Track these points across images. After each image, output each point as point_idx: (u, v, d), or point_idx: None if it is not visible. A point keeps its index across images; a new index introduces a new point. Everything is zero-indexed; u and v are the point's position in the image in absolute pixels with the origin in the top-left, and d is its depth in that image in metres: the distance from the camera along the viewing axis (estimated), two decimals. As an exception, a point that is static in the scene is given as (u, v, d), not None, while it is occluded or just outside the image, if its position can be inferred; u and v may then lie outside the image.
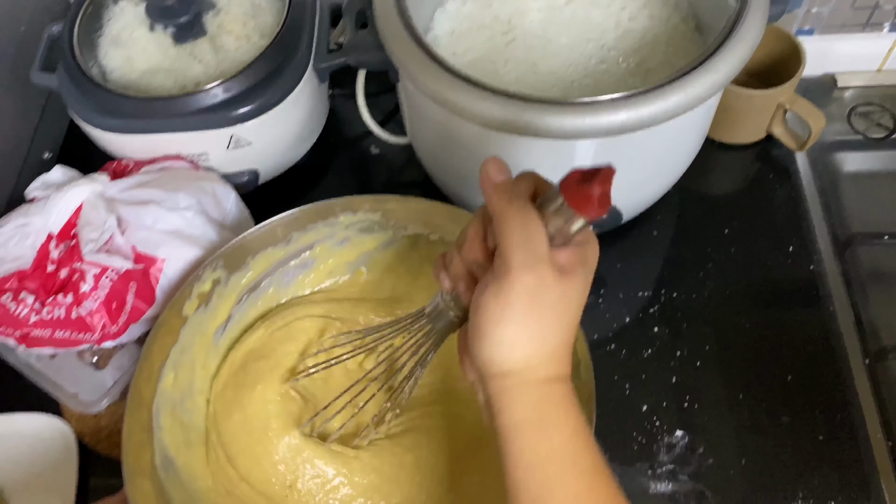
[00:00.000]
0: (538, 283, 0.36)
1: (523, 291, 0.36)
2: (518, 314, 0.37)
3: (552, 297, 0.37)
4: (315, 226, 0.61)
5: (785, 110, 0.71)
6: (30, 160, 0.72)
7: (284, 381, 0.58)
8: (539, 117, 0.51)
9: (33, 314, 0.57)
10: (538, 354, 0.38)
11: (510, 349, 0.38)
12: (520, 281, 0.36)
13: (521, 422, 0.38)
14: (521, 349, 0.38)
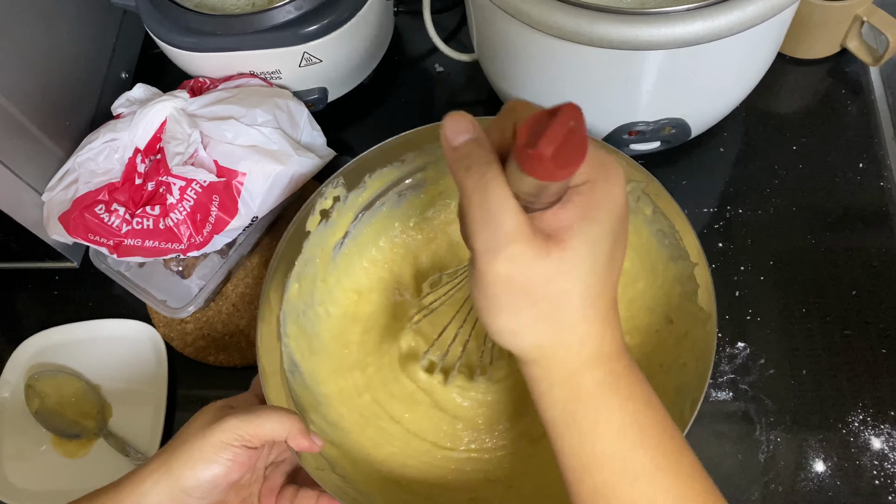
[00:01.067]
0: (511, 266, 0.30)
1: (497, 280, 0.31)
2: (503, 304, 0.32)
3: (538, 277, 0.31)
4: (430, 146, 0.61)
5: (862, 22, 0.69)
6: (109, 79, 0.75)
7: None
8: (613, 28, 0.51)
9: (124, 224, 0.61)
10: (551, 341, 0.33)
11: (513, 336, 0.33)
12: (489, 269, 0.31)
13: (555, 422, 0.34)
14: (527, 337, 0.33)
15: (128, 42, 0.79)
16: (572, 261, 0.31)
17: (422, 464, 0.57)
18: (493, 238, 0.30)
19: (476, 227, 0.30)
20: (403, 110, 0.78)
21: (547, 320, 0.32)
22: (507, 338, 0.33)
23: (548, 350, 0.33)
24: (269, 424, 0.47)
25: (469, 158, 0.31)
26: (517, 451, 0.57)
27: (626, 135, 0.63)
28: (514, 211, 0.30)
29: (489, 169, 0.30)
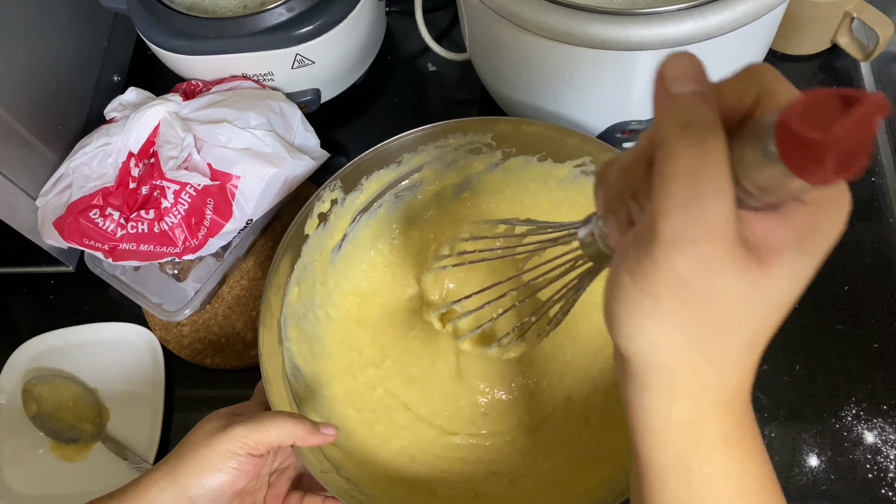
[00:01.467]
0: (699, 269, 0.24)
1: (672, 278, 0.24)
2: (661, 308, 0.25)
3: (722, 294, 0.24)
4: (426, 147, 0.62)
5: (852, 18, 0.70)
6: (101, 83, 0.75)
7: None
8: (604, 28, 0.51)
9: (119, 229, 0.61)
10: (691, 372, 0.26)
11: (649, 349, 0.26)
12: (668, 262, 0.24)
13: (660, 467, 0.28)
14: (666, 356, 0.26)
15: (120, 45, 0.79)
16: (767, 292, 0.25)
17: (429, 455, 0.58)
18: (690, 225, 0.23)
19: (670, 204, 0.23)
20: (397, 110, 0.78)
21: (701, 345, 0.25)
22: (640, 347, 0.26)
23: (682, 380, 0.26)
24: (274, 431, 0.47)
25: (689, 114, 0.23)
26: (515, 441, 0.58)
27: (619, 134, 0.63)
28: (728, 202, 0.23)
29: (712, 136, 0.23)
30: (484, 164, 0.64)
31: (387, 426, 0.58)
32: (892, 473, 0.58)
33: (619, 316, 0.26)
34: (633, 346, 0.27)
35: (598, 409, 0.58)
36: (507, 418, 0.59)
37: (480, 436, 0.58)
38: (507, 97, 0.67)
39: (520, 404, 0.59)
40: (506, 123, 0.61)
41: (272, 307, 0.57)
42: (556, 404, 0.59)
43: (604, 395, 0.59)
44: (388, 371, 0.61)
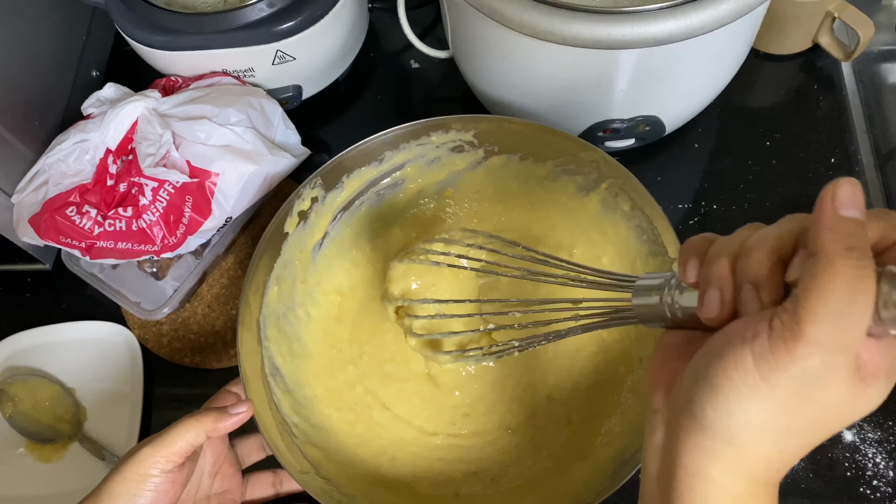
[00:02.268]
0: (826, 373, 0.26)
1: (799, 375, 0.26)
2: (777, 399, 0.27)
3: (833, 398, 0.27)
4: (408, 145, 0.62)
5: (833, 18, 0.70)
6: (79, 79, 0.74)
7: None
8: (585, 27, 0.51)
9: (96, 226, 0.60)
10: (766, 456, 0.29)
11: (741, 429, 0.28)
12: (804, 360, 0.26)
13: None
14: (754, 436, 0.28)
15: (98, 40, 0.78)
16: (857, 405, 0.28)
17: (409, 454, 0.57)
18: (834, 334, 0.26)
19: (823, 311, 0.25)
20: (379, 107, 0.78)
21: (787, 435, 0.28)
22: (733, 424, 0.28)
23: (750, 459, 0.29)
24: (180, 439, 0.48)
25: (854, 239, 0.26)
26: (496, 441, 0.58)
27: (601, 132, 0.63)
28: (867, 323, 0.26)
29: (868, 265, 0.26)
30: (466, 162, 0.64)
31: (367, 426, 0.58)
32: (870, 472, 0.58)
33: (724, 391, 0.28)
34: (725, 421, 0.28)
35: (579, 408, 0.58)
36: (489, 418, 0.59)
37: (461, 436, 0.58)
38: (489, 95, 0.67)
39: (501, 404, 0.59)
40: (488, 122, 0.61)
41: (251, 306, 0.57)
42: (538, 403, 0.59)
43: (585, 393, 0.59)
44: (365, 368, 0.60)
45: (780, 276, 0.28)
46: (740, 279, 0.29)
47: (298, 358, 0.60)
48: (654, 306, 0.34)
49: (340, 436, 0.57)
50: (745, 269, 0.29)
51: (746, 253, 0.29)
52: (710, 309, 0.30)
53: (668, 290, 0.33)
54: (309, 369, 0.60)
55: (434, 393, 0.59)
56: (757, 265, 0.28)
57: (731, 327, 0.28)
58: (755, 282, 0.28)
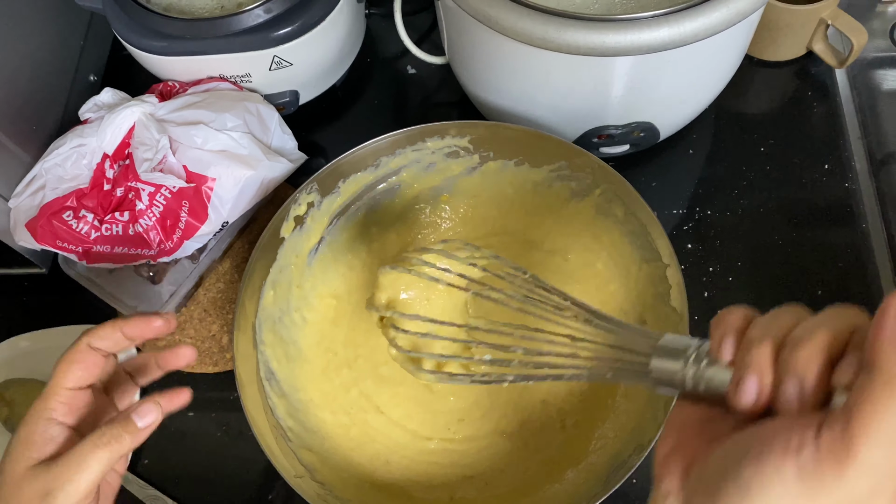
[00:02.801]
0: (870, 495, 0.25)
1: (845, 495, 0.25)
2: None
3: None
4: (403, 150, 0.62)
5: (827, 25, 0.70)
6: (76, 83, 0.74)
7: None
8: (580, 34, 0.51)
9: (93, 231, 0.60)
10: None
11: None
12: (853, 482, 0.25)
13: None
14: None
15: (96, 44, 0.78)
16: None
17: (404, 459, 0.57)
18: (889, 460, 0.25)
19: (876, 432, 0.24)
20: (376, 113, 0.78)
21: None
22: None
23: None
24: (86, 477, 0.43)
25: None
26: (491, 446, 0.58)
27: (596, 138, 0.64)
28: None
29: None
30: (462, 167, 0.64)
31: (361, 430, 0.58)
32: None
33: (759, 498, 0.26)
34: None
35: (573, 413, 0.58)
36: (484, 423, 0.59)
37: (455, 441, 0.58)
38: (485, 101, 0.67)
39: (496, 409, 0.59)
40: (483, 127, 0.61)
41: (247, 311, 0.57)
42: (533, 408, 0.59)
43: (580, 398, 0.59)
44: (360, 371, 0.60)
45: (828, 377, 0.27)
46: (784, 372, 0.27)
47: (294, 362, 0.60)
48: (674, 372, 0.32)
49: (335, 440, 0.58)
50: (792, 363, 0.27)
51: (795, 345, 0.27)
52: (747, 397, 0.28)
53: (695, 360, 0.31)
54: (304, 373, 0.60)
55: (428, 398, 0.60)
56: (806, 361, 0.27)
57: (770, 428, 0.27)
58: (801, 379, 0.27)
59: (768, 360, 0.28)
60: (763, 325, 0.29)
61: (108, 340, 0.47)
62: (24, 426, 0.44)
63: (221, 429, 0.65)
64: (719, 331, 0.30)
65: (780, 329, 0.28)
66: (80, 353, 0.46)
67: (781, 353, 0.28)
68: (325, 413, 0.59)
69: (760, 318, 0.30)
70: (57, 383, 0.45)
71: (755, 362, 0.28)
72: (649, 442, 0.50)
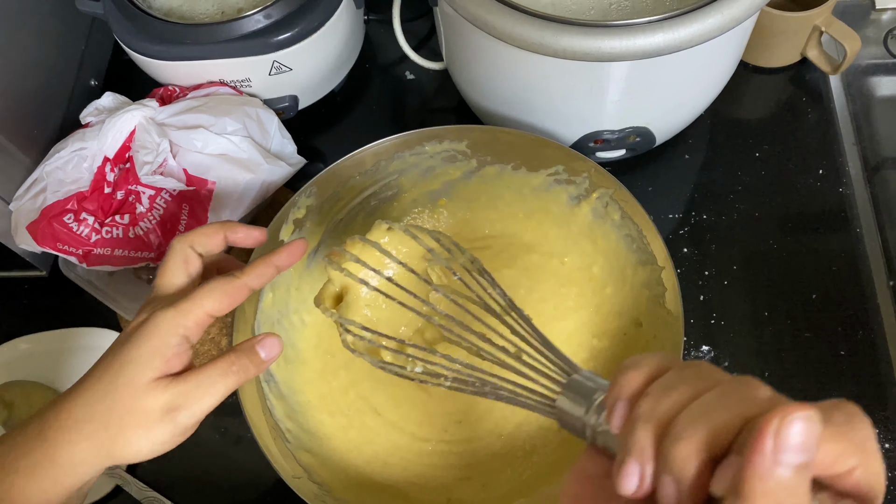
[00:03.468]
0: None
1: None
2: None
3: None
4: (402, 155, 0.62)
5: (821, 32, 0.71)
6: (78, 87, 0.75)
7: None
8: (576, 39, 0.52)
9: (94, 233, 0.61)
10: None
11: None
12: None
13: None
14: None
15: (97, 49, 0.79)
16: None
17: (402, 460, 0.58)
18: None
19: None
20: (375, 117, 0.79)
21: None
22: None
23: None
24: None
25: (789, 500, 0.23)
26: (488, 447, 0.58)
27: (592, 143, 0.64)
28: None
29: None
30: (460, 172, 0.65)
31: (360, 431, 0.59)
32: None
33: None
34: None
35: None
36: (481, 424, 0.59)
37: (453, 442, 0.59)
38: (482, 106, 0.68)
39: (494, 410, 0.60)
40: (481, 132, 0.62)
41: (246, 313, 0.57)
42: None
43: None
44: (357, 372, 0.61)
45: (707, 475, 0.25)
46: (662, 465, 0.25)
47: (292, 364, 0.60)
48: (575, 418, 0.30)
49: (333, 441, 0.58)
50: (670, 460, 0.25)
51: (675, 438, 0.25)
52: (625, 484, 0.26)
53: (596, 408, 0.29)
54: (302, 375, 0.60)
55: (426, 399, 0.60)
56: (684, 460, 0.25)
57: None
58: (678, 479, 0.25)
59: (650, 445, 0.26)
60: (655, 396, 0.27)
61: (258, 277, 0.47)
62: (154, 338, 0.43)
63: (220, 432, 0.65)
64: (613, 392, 0.28)
65: (671, 407, 0.26)
66: (231, 285, 0.45)
67: (663, 442, 0.25)
68: (323, 415, 0.59)
69: (656, 384, 0.27)
70: (200, 305, 0.44)
71: (637, 448, 0.26)
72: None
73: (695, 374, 0.27)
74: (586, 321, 0.61)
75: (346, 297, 0.49)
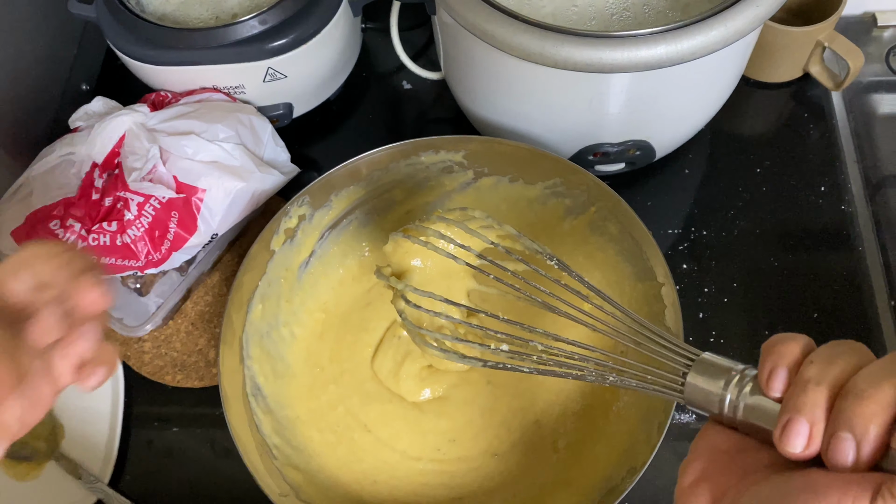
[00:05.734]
0: None
1: None
2: None
3: None
4: (397, 165, 0.61)
5: (823, 48, 0.70)
6: (68, 92, 0.74)
7: None
8: (577, 50, 0.51)
9: (80, 240, 0.59)
10: None
11: None
12: None
13: None
14: None
15: (89, 54, 0.78)
16: None
17: (392, 479, 0.56)
18: None
19: None
20: (370, 127, 0.78)
21: None
22: None
23: None
24: None
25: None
26: (482, 467, 0.57)
27: (591, 156, 0.63)
28: None
29: None
30: (456, 183, 0.63)
31: (349, 448, 0.57)
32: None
33: None
34: None
35: (567, 434, 0.57)
36: (476, 444, 0.58)
37: (445, 461, 0.57)
38: (480, 117, 0.66)
39: (489, 429, 0.58)
40: (478, 142, 0.61)
41: (234, 324, 0.56)
42: (526, 428, 0.58)
43: (573, 419, 0.58)
44: (346, 387, 0.59)
45: (889, 435, 0.25)
46: (840, 425, 0.25)
47: (281, 378, 0.59)
48: (711, 394, 0.30)
49: (321, 458, 0.56)
50: (852, 417, 0.25)
51: (857, 396, 0.25)
52: (795, 443, 0.26)
53: (737, 383, 0.29)
54: (291, 389, 0.59)
55: (418, 417, 0.59)
56: (868, 418, 0.25)
57: (820, 482, 0.25)
58: (860, 437, 0.25)
59: (823, 406, 0.26)
60: (821, 363, 0.27)
61: None
62: None
63: (207, 445, 0.63)
64: (771, 360, 0.28)
65: (841, 372, 0.26)
66: None
67: (840, 401, 0.25)
68: (311, 431, 0.58)
69: (817, 353, 0.28)
70: None
71: (808, 407, 0.26)
72: (642, 465, 0.49)
73: (850, 349, 0.27)
74: (582, 337, 0.60)
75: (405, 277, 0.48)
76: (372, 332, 0.61)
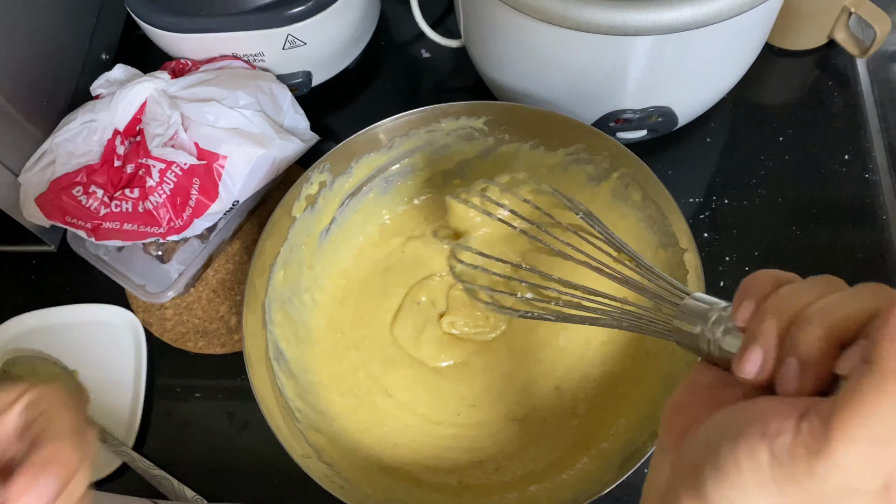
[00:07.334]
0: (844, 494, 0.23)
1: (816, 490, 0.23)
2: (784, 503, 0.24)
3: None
4: (417, 131, 0.61)
5: (849, 14, 0.69)
6: (88, 61, 0.74)
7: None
8: (600, 12, 0.50)
9: (103, 207, 0.60)
10: None
11: None
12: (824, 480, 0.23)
13: None
14: None
15: (109, 23, 0.78)
16: None
17: (413, 442, 0.57)
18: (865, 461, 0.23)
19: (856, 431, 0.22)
20: (389, 96, 0.77)
21: None
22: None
23: None
24: None
25: None
26: (500, 431, 0.57)
27: (613, 122, 0.63)
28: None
29: None
30: (476, 150, 0.63)
31: (370, 412, 0.58)
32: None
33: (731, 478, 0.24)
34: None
35: (587, 399, 0.57)
36: (495, 408, 0.58)
37: (465, 426, 0.57)
38: (500, 83, 0.66)
39: (509, 394, 0.59)
40: (499, 108, 0.60)
41: (257, 289, 0.56)
42: (546, 394, 0.58)
43: (594, 384, 0.58)
44: (367, 352, 0.60)
45: (832, 360, 0.25)
46: (787, 347, 0.26)
47: (303, 343, 0.59)
48: (693, 335, 0.31)
49: (343, 421, 0.57)
50: (796, 342, 0.25)
51: (804, 322, 0.25)
52: (748, 368, 0.27)
53: (714, 323, 0.30)
54: (313, 354, 0.59)
55: (438, 382, 0.59)
56: (808, 342, 0.25)
57: (758, 408, 0.25)
58: (802, 360, 0.25)
59: (774, 333, 0.26)
60: (785, 295, 0.27)
61: None
62: None
63: (227, 413, 0.64)
64: (741, 294, 0.29)
65: (802, 301, 0.26)
66: None
67: (792, 327, 0.26)
68: (333, 395, 0.58)
69: (787, 287, 0.28)
70: None
71: (762, 334, 0.27)
72: (664, 428, 0.49)
73: (822, 281, 0.28)
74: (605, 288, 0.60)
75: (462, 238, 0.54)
76: (391, 297, 0.61)
